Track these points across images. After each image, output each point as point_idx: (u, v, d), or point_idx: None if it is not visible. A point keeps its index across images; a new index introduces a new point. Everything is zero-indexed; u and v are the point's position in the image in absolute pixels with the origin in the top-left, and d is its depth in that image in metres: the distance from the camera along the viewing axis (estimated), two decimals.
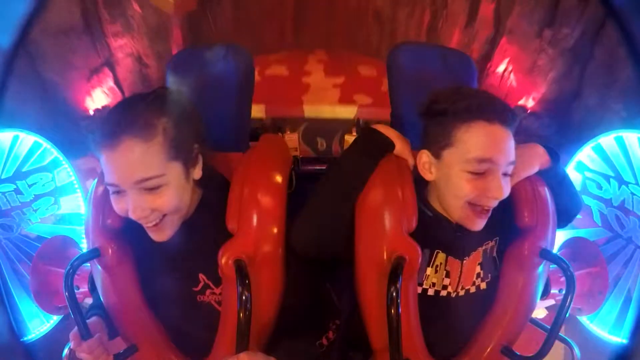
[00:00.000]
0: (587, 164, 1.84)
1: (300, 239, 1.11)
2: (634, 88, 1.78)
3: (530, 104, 2.59)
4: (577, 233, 1.77)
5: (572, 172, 1.87)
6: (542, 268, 1.20)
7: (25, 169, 1.76)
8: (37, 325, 1.76)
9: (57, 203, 1.84)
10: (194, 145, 1.05)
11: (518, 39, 2.60)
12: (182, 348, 1.18)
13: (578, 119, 2.37)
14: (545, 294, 1.29)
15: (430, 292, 1.15)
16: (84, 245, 1.55)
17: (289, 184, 1.17)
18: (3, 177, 1.72)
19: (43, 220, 1.82)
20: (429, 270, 1.14)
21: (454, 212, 1.10)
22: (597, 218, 1.83)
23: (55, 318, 1.77)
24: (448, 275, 1.15)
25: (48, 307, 1.53)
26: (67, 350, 1.14)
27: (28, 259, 1.72)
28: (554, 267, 1.24)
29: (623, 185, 1.74)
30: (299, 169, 1.62)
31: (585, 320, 1.79)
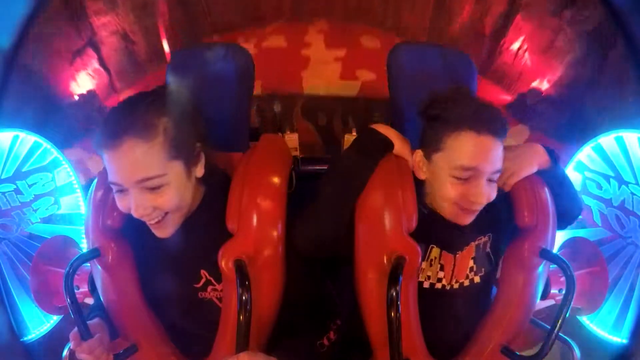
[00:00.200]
0: (587, 164, 1.84)
1: (301, 239, 1.12)
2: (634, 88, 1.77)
3: (545, 87, 2.40)
4: (577, 233, 1.77)
5: (572, 172, 1.86)
6: (542, 268, 1.20)
7: (25, 169, 1.76)
8: (37, 325, 1.76)
9: (57, 203, 1.84)
10: (196, 144, 1.06)
11: (535, 17, 2.39)
12: (182, 347, 1.18)
13: (593, 110, 2.18)
14: (545, 294, 1.29)
15: (426, 284, 1.18)
16: (84, 245, 1.55)
17: (289, 184, 1.17)
18: (3, 177, 1.72)
19: (43, 220, 1.82)
20: (424, 264, 1.17)
21: (443, 209, 1.14)
22: (597, 218, 1.83)
23: (55, 318, 1.76)
24: (442, 269, 1.18)
25: (48, 307, 1.53)
26: (67, 350, 1.14)
27: (28, 259, 1.72)
28: (554, 267, 1.25)
29: (623, 185, 1.74)
30: (299, 169, 1.62)
31: (585, 320, 1.79)
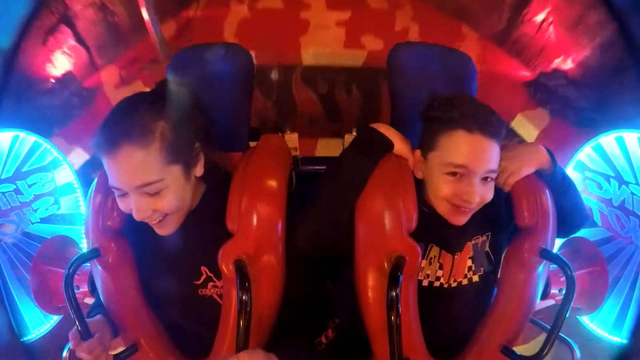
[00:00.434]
0: (587, 164, 1.84)
1: (301, 238, 1.12)
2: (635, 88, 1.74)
3: (568, 66, 2.24)
4: (577, 233, 1.77)
5: (572, 172, 1.86)
6: (542, 268, 1.20)
7: (25, 169, 1.76)
8: (37, 325, 1.76)
9: (57, 203, 1.84)
10: (195, 145, 1.06)
11: None
12: (183, 346, 1.18)
13: (621, 99, 2.03)
14: (545, 294, 1.29)
15: (425, 283, 1.19)
16: (84, 245, 1.55)
17: (289, 184, 1.17)
18: (3, 177, 1.72)
19: (43, 220, 1.82)
20: (424, 263, 1.18)
21: (438, 208, 1.15)
22: (597, 218, 1.83)
23: (55, 318, 1.76)
24: (441, 268, 1.19)
25: (48, 307, 1.53)
26: (67, 350, 1.14)
27: (28, 259, 1.72)
28: (554, 267, 1.25)
29: (623, 185, 1.74)
30: (299, 169, 1.61)
31: (585, 320, 1.79)
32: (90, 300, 1.30)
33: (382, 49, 2.21)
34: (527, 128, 2.30)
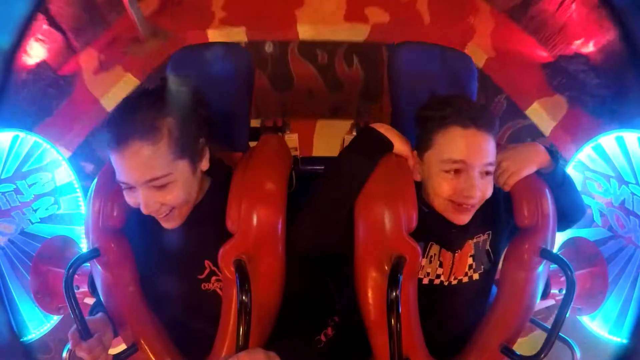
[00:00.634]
0: (587, 164, 1.84)
1: (300, 238, 1.13)
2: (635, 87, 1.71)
3: (589, 50, 2.03)
4: (577, 233, 1.77)
5: (572, 172, 1.86)
6: (542, 268, 1.20)
7: (25, 169, 1.76)
8: (37, 325, 1.76)
9: (57, 203, 1.84)
10: (200, 139, 1.08)
11: None
12: (184, 344, 1.18)
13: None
14: (545, 294, 1.29)
15: (425, 281, 1.19)
16: (84, 245, 1.55)
17: (289, 184, 1.17)
18: (3, 177, 1.72)
19: (43, 220, 1.82)
20: (424, 261, 1.18)
21: (438, 207, 1.15)
22: (597, 218, 1.82)
23: (55, 318, 1.76)
24: (441, 266, 1.19)
25: (48, 307, 1.53)
26: (67, 350, 1.14)
27: (28, 259, 1.72)
28: (554, 267, 1.25)
29: (623, 185, 1.74)
30: (299, 169, 1.61)
31: (585, 320, 1.79)
32: (91, 300, 1.30)
33: (387, 22, 2.02)
34: (543, 118, 2.13)
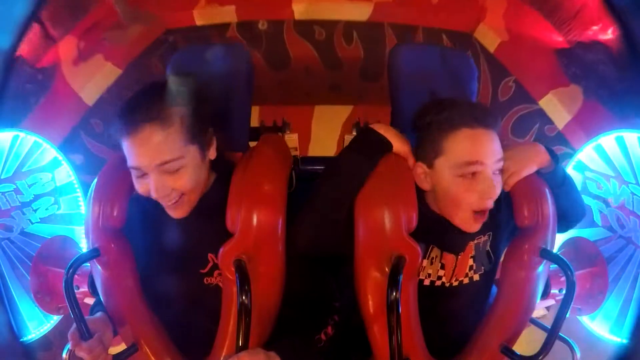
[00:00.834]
0: (587, 164, 1.83)
1: (300, 238, 1.13)
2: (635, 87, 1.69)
3: (607, 37, 1.85)
4: (577, 233, 1.77)
5: (572, 172, 1.86)
6: (542, 268, 1.20)
7: (25, 169, 1.76)
8: (37, 325, 1.76)
9: (57, 203, 1.84)
10: (208, 129, 1.11)
11: None
12: (184, 344, 1.18)
13: None
14: (545, 294, 1.29)
15: (426, 282, 1.19)
16: (84, 245, 1.55)
17: (289, 184, 1.17)
18: (3, 177, 1.72)
19: (43, 220, 1.82)
20: (425, 262, 1.18)
21: (455, 218, 1.14)
22: (597, 218, 1.82)
23: (55, 318, 1.76)
24: (443, 267, 1.19)
25: (48, 307, 1.53)
26: (67, 351, 1.14)
27: (28, 259, 1.71)
28: (554, 267, 1.25)
29: (623, 185, 1.74)
30: (299, 169, 1.62)
31: (585, 320, 1.79)
32: (91, 300, 1.30)
33: (392, 1, 1.90)
34: (557, 109, 2.02)
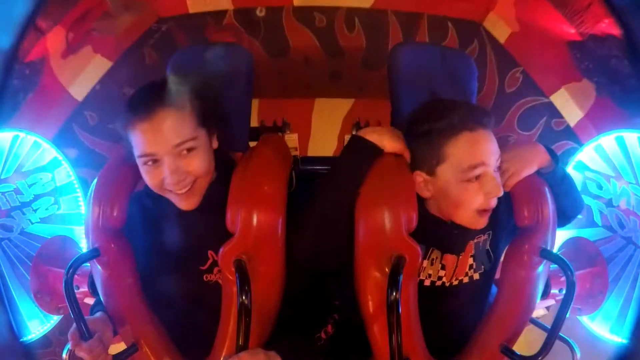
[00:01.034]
0: (587, 164, 1.84)
1: (301, 254, 1.13)
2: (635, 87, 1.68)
3: (618, 31, 1.66)
4: (577, 233, 1.77)
5: (572, 172, 1.86)
6: (542, 268, 1.20)
7: (25, 169, 1.76)
8: (37, 325, 1.76)
9: (57, 203, 1.84)
10: (212, 116, 1.14)
11: None
12: (184, 344, 1.18)
13: None
14: (545, 294, 1.29)
15: (427, 282, 1.19)
16: (84, 245, 1.55)
17: (289, 184, 1.17)
18: (3, 177, 1.72)
19: (43, 220, 1.82)
20: (425, 263, 1.17)
21: (461, 219, 1.14)
22: (597, 218, 1.83)
23: (55, 318, 1.77)
24: (444, 268, 1.19)
25: (48, 307, 1.53)
26: (67, 351, 1.14)
27: (28, 259, 1.72)
28: (554, 267, 1.25)
29: (623, 185, 1.74)
30: (299, 169, 1.62)
31: (585, 320, 1.79)
32: (91, 300, 1.30)
33: None
34: (570, 106, 1.96)
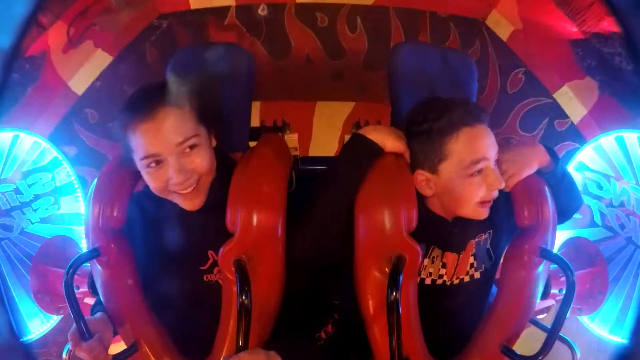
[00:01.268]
0: (587, 164, 1.84)
1: (301, 254, 1.13)
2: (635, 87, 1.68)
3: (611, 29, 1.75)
4: (577, 233, 1.77)
5: (572, 172, 1.86)
6: (542, 268, 1.20)
7: (25, 169, 1.76)
8: (37, 325, 1.76)
9: (57, 203, 1.84)
10: (211, 115, 1.14)
11: None
12: (184, 343, 1.18)
13: None
14: (545, 294, 1.29)
15: (428, 281, 1.19)
16: (84, 245, 1.55)
17: (289, 184, 1.17)
18: (3, 177, 1.72)
19: (43, 220, 1.82)
20: (426, 261, 1.18)
21: (464, 212, 1.15)
22: (597, 218, 1.83)
23: (55, 318, 1.77)
24: (444, 266, 1.19)
25: (48, 307, 1.53)
26: (67, 351, 1.14)
27: (28, 259, 1.72)
28: (554, 267, 1.25)
29: (623, 185, 1.74)
30: (299, 169, 1.62)
31: (585, 320, 1.79)
32: (91, 300, 1.30)
33: None
34: (573, 103, 1.96)
